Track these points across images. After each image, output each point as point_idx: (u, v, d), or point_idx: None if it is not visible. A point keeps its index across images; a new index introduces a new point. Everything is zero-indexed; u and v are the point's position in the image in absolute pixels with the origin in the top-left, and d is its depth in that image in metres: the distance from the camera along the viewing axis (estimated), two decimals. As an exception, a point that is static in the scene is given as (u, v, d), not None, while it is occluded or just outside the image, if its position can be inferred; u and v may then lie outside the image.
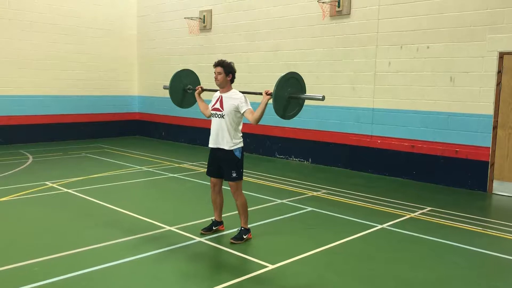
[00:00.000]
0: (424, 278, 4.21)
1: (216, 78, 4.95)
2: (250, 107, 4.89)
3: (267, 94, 4.76)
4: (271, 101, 4.70)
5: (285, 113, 4.86)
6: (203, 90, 5.65)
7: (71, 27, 13.16)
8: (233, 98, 4.92)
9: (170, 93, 5.91)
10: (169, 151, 11.82)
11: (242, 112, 4.88)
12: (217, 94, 5.07)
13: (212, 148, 5.09)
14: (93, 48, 13.69)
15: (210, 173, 5.21)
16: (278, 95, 4.69)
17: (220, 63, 4.93)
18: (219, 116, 4.94)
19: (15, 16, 12.10)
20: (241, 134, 5.03)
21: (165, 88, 6.02)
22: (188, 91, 5.92)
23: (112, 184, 7.84)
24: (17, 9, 12.13)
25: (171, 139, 13.82)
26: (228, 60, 5.02)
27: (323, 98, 4.76)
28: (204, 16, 12.28)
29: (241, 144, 5.02)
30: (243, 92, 5.03)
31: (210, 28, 12.28)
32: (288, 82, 4.77)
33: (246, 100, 4.90)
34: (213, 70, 5.01)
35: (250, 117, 4.83)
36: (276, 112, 4.76)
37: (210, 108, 5.10)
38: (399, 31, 8.63)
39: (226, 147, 4.94)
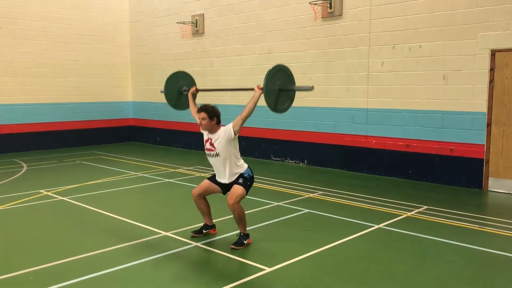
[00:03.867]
0: (421, 277, 4.20)
1: (201, 124, 4.94)
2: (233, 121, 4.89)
3: (259, 88, 4.81)
4: (262, 96, 4.75)
5: (277, 106, 4.94)
6: (197, 90, 5.64)
7: (63, 34, 13.12)
8: (221, 135, 4.89)
9: (166, 94, 5.90)
10: (164, 156, 11.79)
11: (232, 133, 4.83)
12: (206, 135, 5.03)
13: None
14: (85, 55, 13.65)
15: (212, 179, 5.13)
16: (269, 88, 4.78)
17: (203, 109, 4.92)
18: (214, 155, 4.94)
19: (7, 25, 12.05)
20: (242, 161, 5.02)
21: (162, 92, 6.02)
22: (183, 92, 5.90)
23: (107, 190, 7.80)
24: (8, 18, 12.08)
25: (166, 144, 13.79)
26: (211, 104, 5.01)
27: (312, 88, 4.93)
28: (196, 20, 12.28)
29: (246, 167, 5.01)
30: (235, 89, 5.06)
31: (203, 32, 12.27)
32: (276, 75, 4.88)
33: (229, 124, 4.89)
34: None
35: (240, 117, 4.83)
36: (268, 105, 4.84)
37: (205, 147, 5.06)
38: (391, 31, 8.66)
39: (233, 179, 4.94)
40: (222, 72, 11.82)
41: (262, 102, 5.13)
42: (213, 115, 4.91)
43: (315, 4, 9.52)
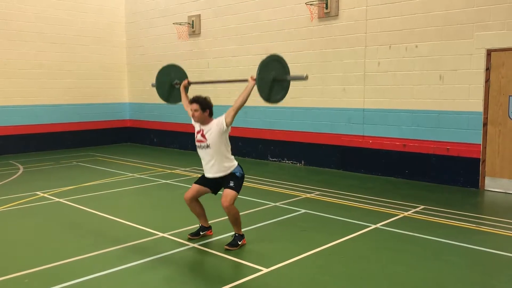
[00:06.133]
0: (419, 276, 4.20)
1: (193, 116, 4.90)
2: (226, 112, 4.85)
3: (252, 79, 4.77)
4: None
5: (271, 97, 4.88)
6: (189, 83, 5.63)
7: (59, 35, 13.09)
8: (213, 126, 4.85)
9: (157, 87, 5.87)
10: (161, 157, 11.77)
11: (225, 124, 4.79)
12: (198, 127, 4.97)
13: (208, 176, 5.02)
14: (82, 56, 13.62)
15: (200, 182, 5.08)
16: (262, 78, 4.72)
17: (195, 100, 4.86)
18: (205, 147, 4.88)
19: (2, 26, 12.01)
20: (232, 157, 4.97)
21: (153, 85, 5.99)
22: (175, 86, 5.87)
23: (104, 192, 7.78)
24: (4, 19, 12.04)
25: (162, 145, 13.76)
26: (203, 95, 4.96)
27: (306, 77, 4.87)
28: (193, 21, 12.26)
29: (236, 164, 4.96)
30: (229, 81, 4.98)
31: (199, 33, 12.26)
32: (270, 65, 4.83)
33: (221, 116, 4.85)
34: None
35: (232, 108, 4.78)
36: (261, 96, 4.78)
37: (195, 138, 5.00)
38: (387, 31, 8.67)
39: (222, 174, 4.90)
40: (219, 73, 11.81)
41: (260, 103, 5.13)
42: (205, 106, 4.86)
43: (311, 4, 9.53)
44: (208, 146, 4.85)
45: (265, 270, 4.30)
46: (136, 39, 14.29)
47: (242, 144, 11.10)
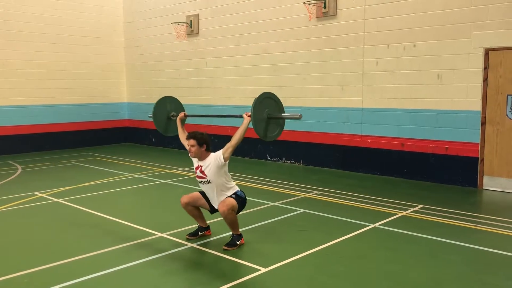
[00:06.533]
0: (417, 276, 4.21)
1: (190, 151, 4.92)
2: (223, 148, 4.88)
3: (247, 115, 4.87)
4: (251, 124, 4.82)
5: (267, 134, 5.02)
6: (186, 116, 5.66)
7: (57, 35, 13.07)
8: (212, 162, 4.86)
9: (154, 120, 5.92)
10: (160, 157, 11.77)
11: (223, 160, 4.81)
12: (196, 163, 4.99)
13: None
14: (80, 56, 13.60)
15: (204, 194, 5.08)
16: (257, 117, 4.85)
17: (192, 136, 4.89)
18: (206, 182, 4.91)
19: (0, 26, 11.99)
20: (233, 183, 5.01)
21: (150, 117, 6.01)
22: (172, 117, 5.92)
23: (103, 192, 7.78)
24: (3, 19, 12.03)
25: (161, 145, 13.76)
26: (201, 131, 4.98)
27: (300, 117, 4.97)
28: (191, 21, 12.26)
29: (237, 189, 4.99)
30: (222, 116, 5.05)
31: (198, 33, 12.26)
32: (264, 102, 4.94)
33: (219, 151, 4.88)
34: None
35: (229, 144, 4.82)
36: (257, 134, 4.92)
37: (195, 174, 5.02)
38: (385, 30, 8.67)
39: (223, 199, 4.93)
40: (217, 73, 11.82)
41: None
42: (202, 142, 4.87)
43: (309, 4, 9.53)
44: (209, 182, 4.89)
45: (263, 270, 4.31)
46: (135, 39, 14.29)
47: (241, 144, 11.06)
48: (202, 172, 4.90)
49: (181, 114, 5.67)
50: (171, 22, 12.64)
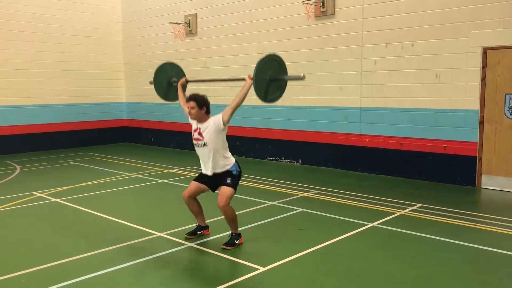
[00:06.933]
0: (416, 275, 4.21)
1: (190, 113, 4.89)
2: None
3: (250, 78, 4.77)
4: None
5: (267, 96, 4.89)
6: (187, 81, 5.64)
7: (55, 35, 13.05)
8: (210, 125, 4.84)
9: (155, 85, 5.88)
10: (159, 156, 11.76)
11: (222, 122, 4.78)
12: (195, 125, 4.95)
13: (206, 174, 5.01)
14: (78, 55, 13.58)
15: (198, 179, 5.09)
16: (259, 77, 4.72)
17: (192, 98, 4.85)
18: (202, 145, 4.87)
19: (-2, 26, 11.99)
20: (229, 154, 4.96)
21: (151, 83, 5.99)
22: (173, 83, 5.88)
23: (101, 192, 7.77)
24: (1, 19, 12.00)
25: (160, 144, 13.75)
26: (201, 93, 4.95)
27: (303, 77, 4.87)
28: (189, 20, 12.25)
29: (233, 161, 4.95)
30: (226, 80, 4.93)
31: (196, 32, 12.25)
32: (268, 64, 4.83)
33: (218, 114, 4.85)
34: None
35: (229, 107, 4.77)
36: (257, 95, 4.79)
37: (192, 137, 4.99)
38: (383, 29, 8.67)
39: (219, 171, 4.88)
40: (215, 72, 11.80)
41: (257, 102, 5.13)
42: (202, 104, 4.84)
43: (307, 3, 9.53)
44: (205, 144, 4.84)
45: (262, 269, 4.31)
46: (133, 38, 14.27)
47: (240, 143, 11.10)
48: (200, 134, 4.86)
49: (182, 80, 5.64)
50: (170, 22, 12.63)
